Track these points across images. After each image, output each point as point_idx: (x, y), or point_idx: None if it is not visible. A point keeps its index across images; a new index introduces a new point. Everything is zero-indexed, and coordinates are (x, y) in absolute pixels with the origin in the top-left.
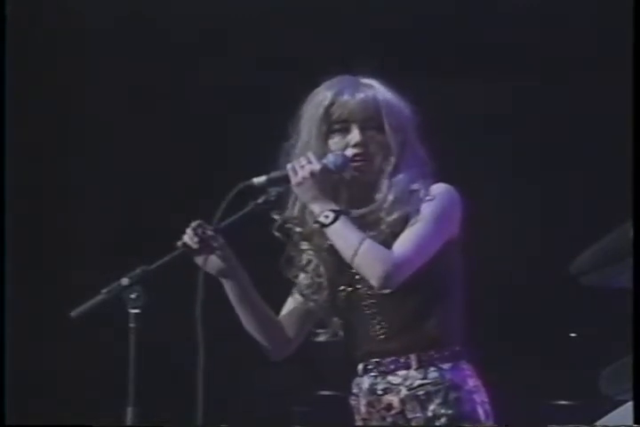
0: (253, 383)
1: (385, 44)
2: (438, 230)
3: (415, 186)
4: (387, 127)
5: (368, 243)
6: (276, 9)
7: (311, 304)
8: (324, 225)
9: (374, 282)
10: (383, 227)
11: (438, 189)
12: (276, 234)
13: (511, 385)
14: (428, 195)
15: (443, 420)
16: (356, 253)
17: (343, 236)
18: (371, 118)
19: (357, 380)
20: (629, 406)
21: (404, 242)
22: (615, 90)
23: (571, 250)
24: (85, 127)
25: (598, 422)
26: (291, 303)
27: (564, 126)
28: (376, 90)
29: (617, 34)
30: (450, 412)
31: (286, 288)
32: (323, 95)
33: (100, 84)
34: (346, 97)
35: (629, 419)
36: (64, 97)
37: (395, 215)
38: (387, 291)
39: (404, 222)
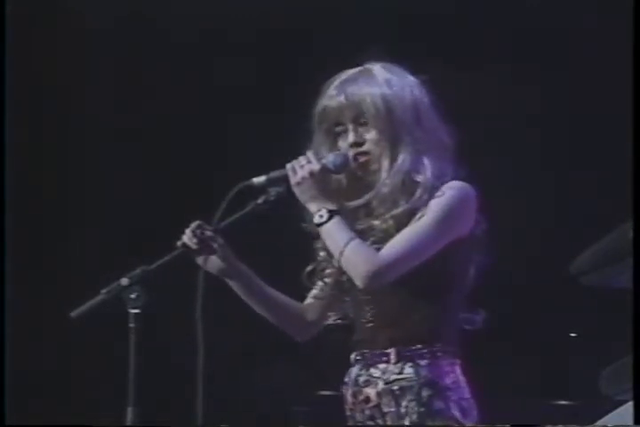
0: (253, 383)
1: (380, 38)
2: (439, 232)
3: (419, 177)
4: (373, 122)
5: (354, 244)
6: (276, 6)
7: (327, 291)
8: (317, 224)
9: (358, 282)
10: (387, 216)
11: (450, 186)
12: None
13: (511, 385)
14: (437, 188)
15: (414, 417)
16: (342, 254)
17: (333, 236)
18: (359, 115)
19: (349, 370)
20: (629, 406)
21: (397, 243)
22: (615, 90)
23: (571, 250)
24: (85, 127)
25: (598, 422)
26: (314, 290)
27: (564, 126)
28: (361, 83)
29: (617, 34)
30: (422, 409)
31: (287, 286)
32: (318, 102)
33: (100, 84)
34: (334, 99)
35: (629, 419)
36: (64, 97)
37: (398, 206)
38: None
39: (408, 217)
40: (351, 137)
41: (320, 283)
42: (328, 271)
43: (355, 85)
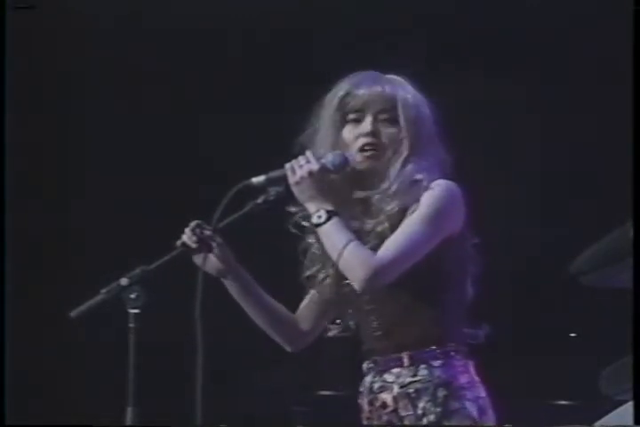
0: (253, 383)
1: (381, 45)
2: (431, 229)
3: (418, 176)
4: (401, 121)
5: (352, 246)
6: (277, 6)
7: (324, 298)
8: (315, 225)
9: (356, 285)
10: (382, 217)
11: (438, 183)
12: (292, 230)
13: (511, 385)
14: (428, 187)
15: (432, 417)
16: (340, 256)
17: (331, 237)
18: (385, 110)
19: (363, 379)
20: (629, 406)
21: (391, 244)
22: (615, 90)
23: (571, 250)
24: (85, 127)
25: (598, 422)
26: (307, 298)
27: (564, 126)
28: (396, 85)
29: (617, 34)
30: (438, 409)
31: (287, 286)
32: (341, 86)
33: (100, 83)
34: (363, 88)
35: (629, 419)
36: (64, 97)
37: (394, 206)
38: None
39: (402, 214)
40: (369, 126)
41: (318, 288)
42: (324, 282)
43: (390, 84)
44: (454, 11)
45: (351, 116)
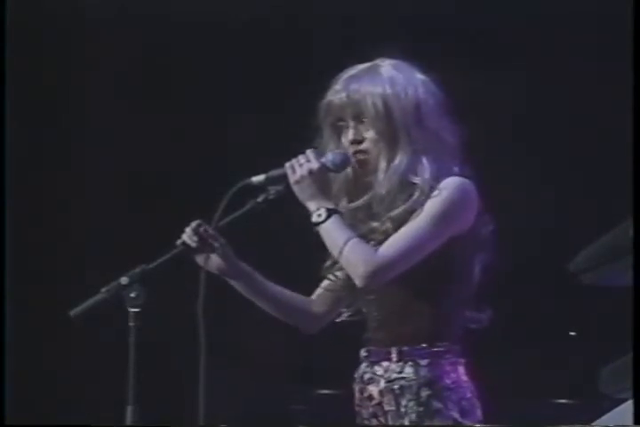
0: (253, 383)
1: (390, 36)
2: (436, 230)
3: (417, 179)
4: (371, 122)
5: (353, 243)
6: (280, 4)
7: (337, 286)
8: (316, 223)
9: (356, 281)
10: (385, 218)
11: (447, 184)
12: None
13: (510, 384)
14: (434, 189)
15: (413, 416)
16: (341, 253)
17: (332, 235)
18: (360, 114)
19: (359, 365)
20: (629, 404)
21: (394, 242)
22: (616, 90)
23: (571, 249)
24: (85, 127)
25: (598, 421)
26: (323, 284)
27: (564, 126)
28: (365, 80)
29: (617, 33)
30: (420, 409)
31: (287, 283)
32: (325, 95)
33: (101, 83)
34: (337, 96)
35: (629, 418)
36: (64, 96)
37: (394, 208)
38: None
39: (407, 216)
40: (350, 134)
41: (332, 276)
42: (337, 271)
43: (357, 83)
44: (454, 10)
45: (339, 124)
